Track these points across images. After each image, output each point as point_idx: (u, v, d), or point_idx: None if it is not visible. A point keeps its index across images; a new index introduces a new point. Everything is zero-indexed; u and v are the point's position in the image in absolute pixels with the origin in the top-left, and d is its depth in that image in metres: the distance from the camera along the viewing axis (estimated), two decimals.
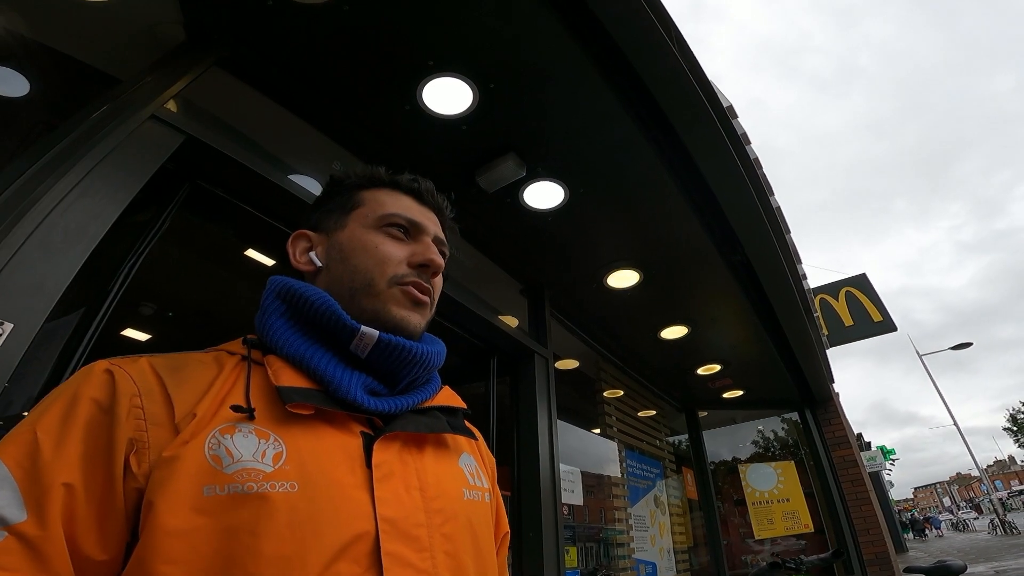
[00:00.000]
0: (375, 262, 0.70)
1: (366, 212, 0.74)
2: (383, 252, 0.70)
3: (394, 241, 0.72)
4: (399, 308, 0.68)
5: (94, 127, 1.37)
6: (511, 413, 2.87)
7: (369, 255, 0.70)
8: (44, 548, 0.45)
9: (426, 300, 0.71)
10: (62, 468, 0.48)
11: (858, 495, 5.34)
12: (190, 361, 0.60)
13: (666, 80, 2.07)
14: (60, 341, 1.27)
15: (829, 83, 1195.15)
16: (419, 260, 0.71)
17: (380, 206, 0.74)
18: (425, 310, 0.72)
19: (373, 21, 1.78)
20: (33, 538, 0.45)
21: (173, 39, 1.74)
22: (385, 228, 0.73)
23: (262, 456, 0.52)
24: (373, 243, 0.71)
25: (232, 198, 1.77)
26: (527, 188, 2.49)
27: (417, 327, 0.70)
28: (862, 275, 7.85)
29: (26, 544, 0.45)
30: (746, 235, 2.99)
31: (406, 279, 0.70)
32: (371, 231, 0.72)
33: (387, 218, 0.73)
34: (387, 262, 0.70)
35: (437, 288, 0.76)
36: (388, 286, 0.69)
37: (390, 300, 0.68)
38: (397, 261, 0.70)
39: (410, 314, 0.69)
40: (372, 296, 0.68)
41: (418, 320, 0.70)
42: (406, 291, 0.69)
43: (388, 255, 0.70)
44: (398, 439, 0.61)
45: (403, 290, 0.69)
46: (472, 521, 0.63)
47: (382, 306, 0.67)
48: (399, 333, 0.67)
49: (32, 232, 1.15)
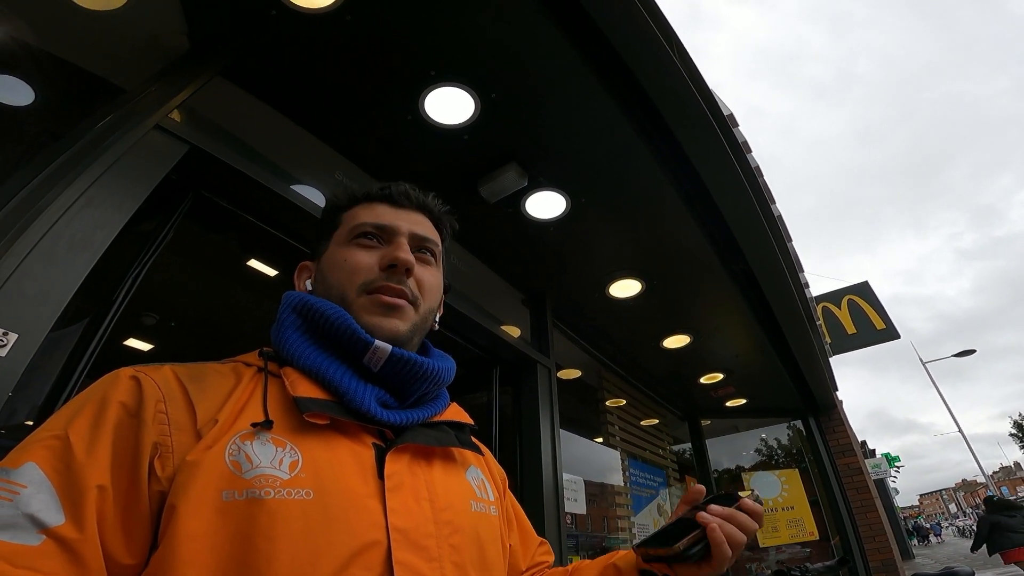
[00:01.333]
0: (345, 274, 0.70)
1: (342, 231, 0.75)
2: (351, 263, 0.71)
3: (364, 250, 0.72)
4: (369, 316, 0.68)
5: (99, 137, 1.37)
6: (514, 422, 2.86)
7: (340, 270, 0.71)
8: (82, 551, 0.46)
9: (399, 303, 0.69)
10: (94, 470, 0.48)
11: (863, 502, 5.31)
12: (209, 371, 0.61)
13: (667, 89, 2.08)
14: (64, 351, 1.27)
15: (818, 89, 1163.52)
16: (386, 262, 0.71)
17: (353, 219, 0.75)
18: (403, 312, 0.70)
19: (376, 31, 1.80)
20: (72, 541, 0.45)
21: (177, 49, 1.76)
22: (356, 240, 0.73)
23: (279, 463, 0.53)
24: (342, 257, 0.72)
25: (235, 208, 1.78)
26: (529, 198, 2.50)
27: (394, 331, 0.68)
28: (864, 283, 7.85)
29: (65, 547, 0.45)
30: (748, 243, 2.99)
31: (374, 284, 0.69)
32: (343, 247, 0.74)
33: (355, 229, 0.74)
34: (356, 272, 0.70)
35: (424, 285, 0.74)
36: (358, 295, 0.69)
37: (361, 309, 0.68)
38: (366, 268, 0.70)
39: (382, 320, 0.68)
40: (347, 308, 0.68)
41: (394, 324, 0.69)
42: (373, 298, 0.69)
43: (356, 265, 0.71)
44: (408, 451, 0.62)
45: (371, 298, 0.69)
46: (479, 533, 0.64)
47: (356, 317, 0.67)
48: (385, 341, 0.67)
49: (37, 242, 1.15)
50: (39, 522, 0.45)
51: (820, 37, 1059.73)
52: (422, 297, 0.73)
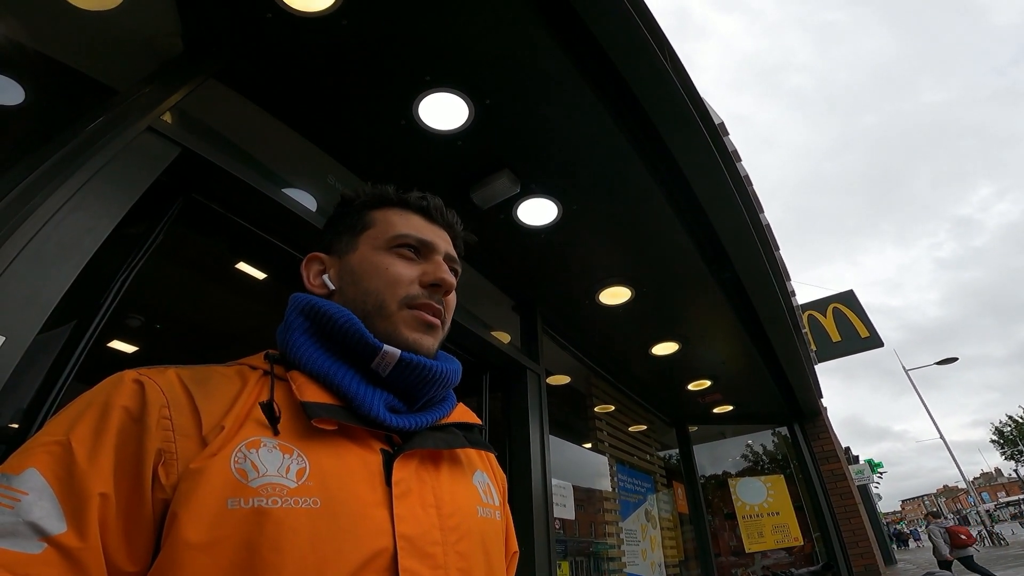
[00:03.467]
0: (386, 284, 0.69)
1: (376, 233, 0.74)
2: (394, 273, 0.70)
3: (405, 261, 0.72)
4: (410, 331, 0.68)
5: (90, 138, 1.36)
6: (503, 428, 2.86)
7: (380, 277, 0.70)
8: (84, 559, 0.45)
9: (437, 322, 0.71)
10: (97, 477, 0.48)
11: (847, 508, 5.36)
12: (214, 375, 0.60)
13: (659, 97, 2.09)
14: (51, 354, 1.25)
15: (788, 98, 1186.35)
16: (430, 280, 0.71)
17: (390, 226, 0.74)
18: (437, 331, 0.71)
19: (371, 35, 1.80)
20: (73, 550, 0.45)
21: (171, 51, 1.74)
22: (396, 249, 0.72)
23: (286, 471, 0.52)
24: (384, 264, 0.71)
25: (227, 212, 1.76)
26: (521, 204, 2.50)
27: (430, 349, 0.69)
28: (849, 291, 7.95)
29: (66, 556, 0.44)
30: (736, 252, 3.01)
31: (417, 300, 0.69)
32: (382, 252, 0.72)
33: (398, 239, 0.73)
34: (398, 283, 0.70)
35: (450, 307, 0.75)
36: (399, 308, 0.68)
37: (401, 323, 0.68)
38: (408, 281, 0.70)
39: (422, 337, 0.69)
40: (384, 318, 0.68)
41: (431, 343, 0.70)
42: (416, 315, 0.69)
43: (399, 276, 0.70)
44: (416, 456, 0.62)
45: (414, 314, 0.69)
46: (485, 538, 0.64)
47: (394, 328, 0.67)
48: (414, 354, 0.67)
49: (26, 245, 1.13)
50: (40, 530, 0.44)
51: (805, 48, 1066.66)
52: (447, 316, 0.74)
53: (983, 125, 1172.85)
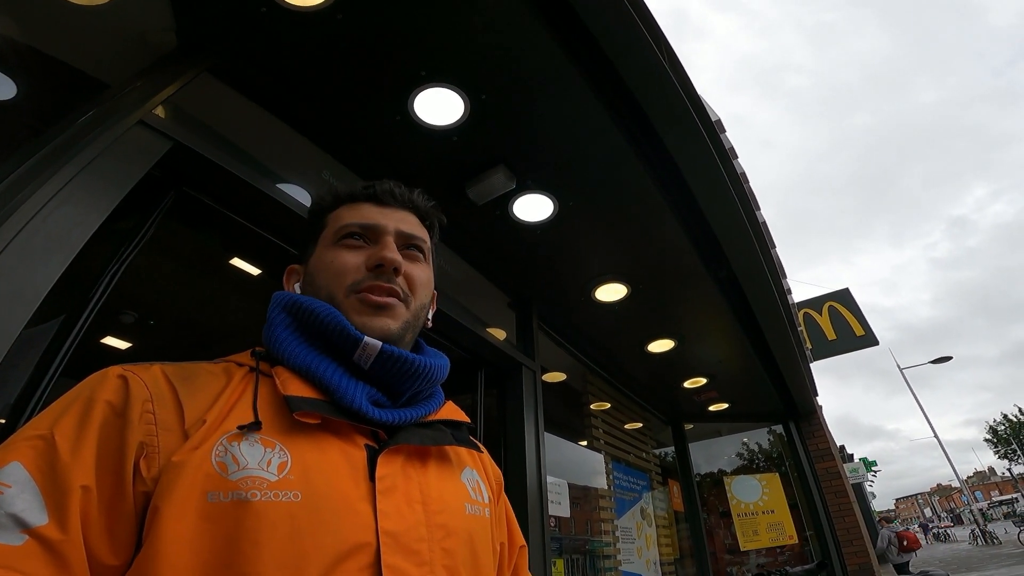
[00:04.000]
0: (332, 275, 0.70)
1: (328, 232, 0.75)
2: (338, 264, 0.70)
3: (351, 251, 0.72)
4: (359, 315, 0.67)
5: (80, 132, 1.34)
6: (498, 425, 2.85)
7: (327, 271, 0.70)
8: (65, 551, 0.45)
9: (388, 301, 0.69)
10: (79, 470, 0.48)
11: (841, 506, 5.37)
12: (200, 371, 0.60)
13: (656, 94, 2.09)
14: (39, 349, 1.24)
15: (784, 99, 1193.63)
16: (373, 262, 0.70)
17: (338, 221, 0.74)
18: (393, 311, 0.69)
19: (367, 31, 1.78)
20: (55, 542, 0.45)
21: (164, 45, 1.73)
22: (342, 241, 0.72)
23: (267, 465, 0.52)
24: (330, 258, 0.71)
25: (218, 206, 1.75)
26: (517, 201, 2.49)
27: (385, 330, 0.67)
28: (845, 290, 7.96)
29: (48, 548, 0.44)
30: (732, 249, 3.01)
31: (361, 285, 0.69)
32: (329, 248, 0.73)
33: (341, 230, 0.73)
34: (343, 273, 0.69)
35: (415, 281, 0.73)
36: (346, 296, 0.68)
37: (351, 310, 0.67)
38: (353, 268, 0.70)
39: (371, 319, 0.67)
40: (338, 310, 0.67)
41: (384, 323, 0.68)
42: (361, 297, 0.68)
43: (343, 266, 0.70)
44: (401, 452, 0.62)
45: (359, 297, 0.68)
46: (472, 536, 0.63)
47: (346, 316, 0.66)
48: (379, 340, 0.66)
49: (13, 238, 1.12)
50: (22, 522, 0.44)
51: (802, 48, 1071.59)
52: (413, 294, 0.73)
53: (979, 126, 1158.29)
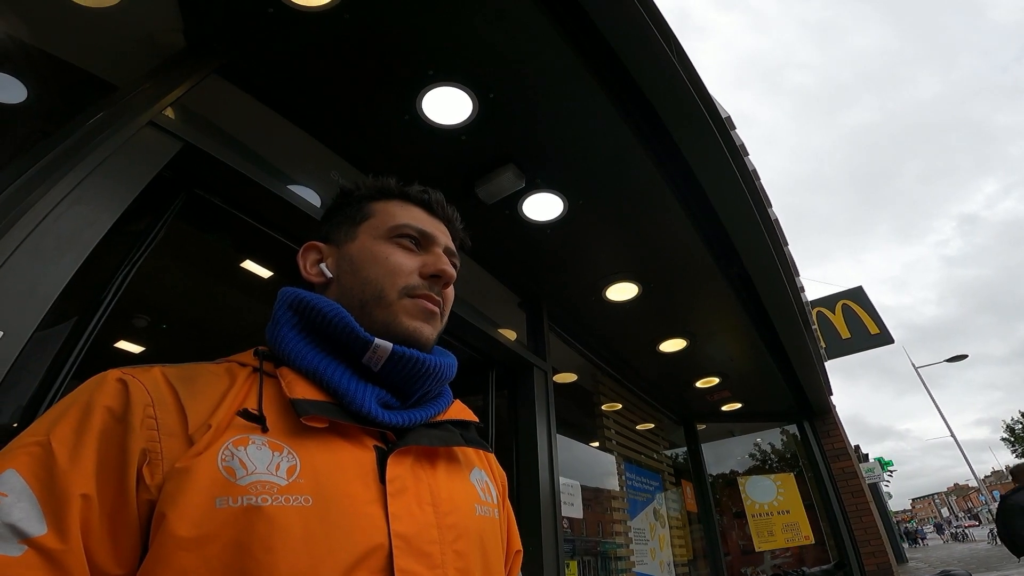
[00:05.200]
0: (386, 272, 0.68)
1: (376, 223, 0.73)
2: (394, 262, 0.69)
3: (405, 252, 0.71)
4: (410, 320, 0.67)
5: (90, 133, 1.35)
6: (510, 426, 2.84)
7: (380, 265, 0.69)
8: (65, 562, 0.44)
9: (437, 312, 0.70)
10: (78, 478, 0.46)
11: (858, 506, 5.31)
12: (202, 372, 0.59)
13: (665, 91, 2.07)
14: (51, 350, 1.24)
15: (787, 97, 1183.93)
16: (431, 271, 0.70)
17: (391, 217, 0.73)
18: (436, 322, 0.70)
19: (374, 30, 1.78)
20: (54, 552, 0.43)
21: (172, 47, 1.73)
22: (396, 239, 0.71)
23: (276, 469, 0.51)
24: (384, 253, 0.70)
25: (229, 207, 1.75)
26: (526, 200, 2.48)
27: (429, 339, 0.68)
28: (858, 288, 7.86)
29: (47, 558, 0.43)
30: (745, 247, 2.98)
31: (417, 290, 0.68)
32: (382, 242, 0.71)
33: (398, 229, 0.72)
34: (398, 272, 0.68)
35: (448, 300, 0.74)
36: (399, 297, 0.67)
37: (401, 311, 0.67)
38: (408, 271, 0.69)
39: (422, 326, 0.68)
40: (383, 307, 0.66)
41: (430, 332, 0.69)
42: (417, 303, 0.68)
43: (399, 265, 0.69)
44: (411, 454, 0.60)
45: (414, 302, 0.68)
46: (483, 537, 0.62)
47: (393, 318, 0.66)
48: (410, 345, 0.65)
49: (24, 239, 1.12)
50: (20, 532, 0.43)
51: (805, 45, 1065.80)
52: (445, 309, 0.74)
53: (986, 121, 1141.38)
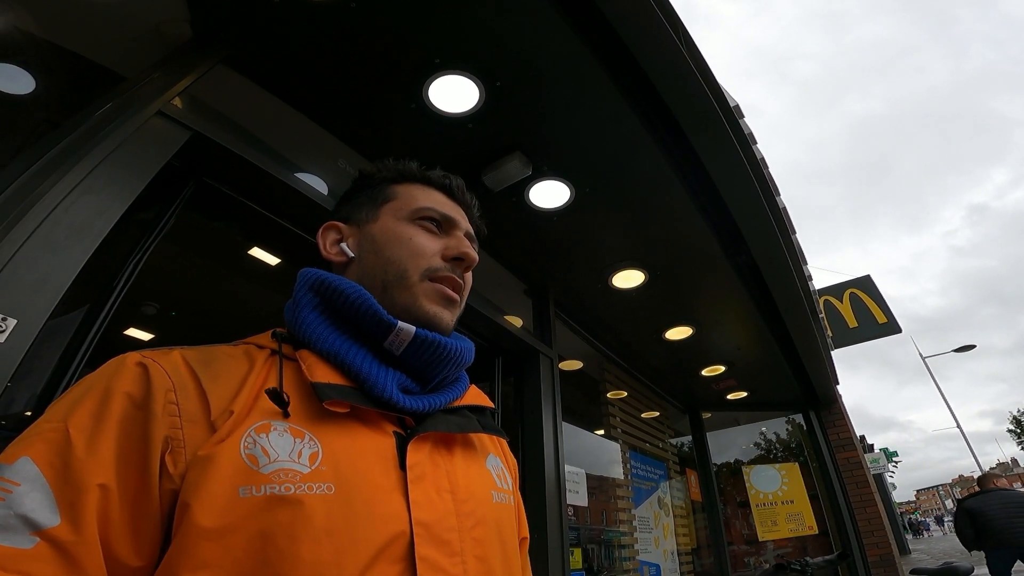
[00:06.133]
0: (409, 253, 0.68)
1: (399, 205, 0.73)
2: (417, 244, 0.69)
3: (428, 234, 0.71)
4: (431, 304, 0.67)
5: (99, 123, 1.35)
6: (516, 413, 2.85)
7: (403, 246, 0.69)
8: (78, 554, 0.42)
9: (457, 297, 0.70)
10: (96, 468, 0.45)
11: (863, 497, 5.32)
12: (220, 355, 0.58)
13: (673, 79, 2.05)
14: (64, 338, 1.26)
15: (795, 87, 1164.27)
16: (453, 253, 0.70)
17: (413, 199, 0.73)
18: (456, 307, 0.70)
19: (380, 19, 1.77)
20: (67, 543, 0.42)
21: (180, 37, 1.73)
22: (419, 221, 0.72)
23: (298, 456, 0.50)
24: (407, 235, 0.70)
25: (238, 195, 1.76)
26: (533, 187, 2.48)
27: (448, 324, 0.68)
28: (866, 276, 7.81)
29: (59, 550, 0.42)
30: (752, 235, 2.97)
31: (439, 273, 0.68)
32: (404, 223, 0.71)
33: (421, 211, 0.72)
34: (421, 254, 0.68)
35: (467, 285, 0.74)
36: (421, 279, 0.67)
37: (423, 294, 0.67)
38: (431, 253, 0.69)
39: (442, 311, 0.68)
40: (404, 288, 0.66)
41: (449, 317, 0.69)
42: (438, 288, 0.68)
43: (422, 247, 0.69)
44: (429, 439, 0.60)
45: (435, 287, 0.68)
46: (500, 524, 0.62)
47: (414, 300, 0.66)
48: (432, 330, 0.65)
49: (36, 228, 1.13)
50: (32, 523, 0.42)
51: (814, 35, 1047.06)
52: (464, 293, 0.74)
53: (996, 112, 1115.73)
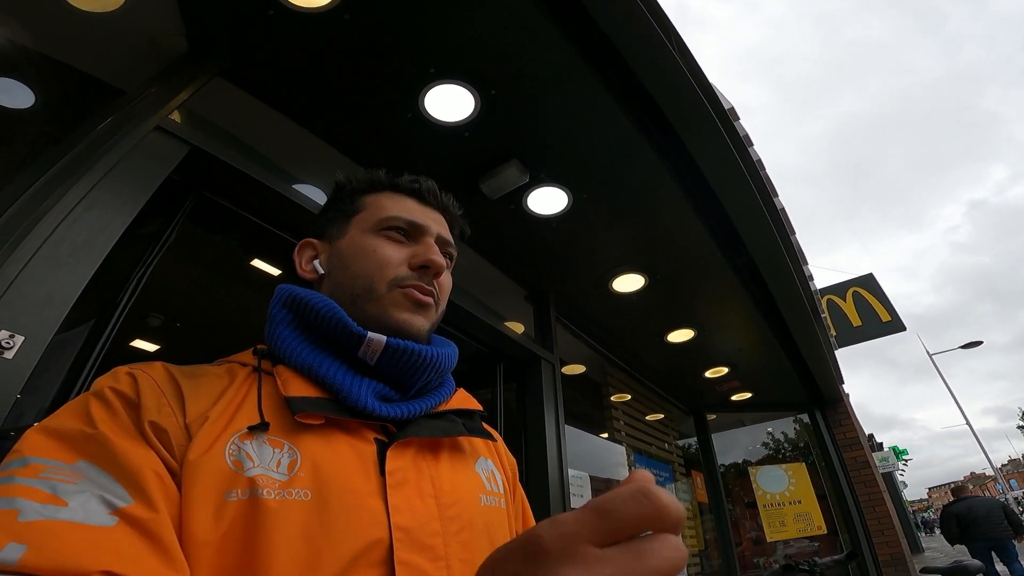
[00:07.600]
0: (374, 266, 0.68)
1: (367, 216, 0.73)
2: (381, 255, 0.69)
3: (393, 244, 0.71)
4: (400, 311, 0.67)
5: (99, 139, 1.38)
6: (518, 419, 2.86)
7: (368, 259, 0.69)
8: (157, 530, 0.43)
9: (428, 301, 0.69)
10: (136, 454, 0.47)
11: (871, 496, 5.29)
12: (203, 372, 0.60)
13: (666, 83, 2.07)
14: (71, 352, 1.28)
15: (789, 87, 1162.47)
16: (419, 261, 0.69)
17: (380, 209, 0.73)
18: (429, 312, 0.70)
19: (374, 29, 1.80)
20: (144, 520, 0.43)
21: (176, 50, 1.76)
22: (384, 232, 0.71)
23: (277, 465, 0.51)
24: (372, 247, 0.70)
25: (237, 208, 1.78)
26: (530, 194, 2.50)
27: (421, 330, 0.68)
28: (869, 275, 7.80)
29: (138, 527, 0.43)
30: (750, 237, 2.98)
31: (406, 281, 0.68)
32: (370, 235, 0.71)
33: (386, 221, 0.72)
34: (386, 265, 0.68)
35: (444, 289, 0.74)
36: (388, 289, 0.67)
37: (391, 304, 0.67)
38: (397, 263, 0.69)
39: (412, 317, 0.67)
40: (373, 300, 0.67)
41: (421, 323, 0.68)
42: (406, 293, 0.67)
43: (387, 258, 0.69)
44: (412, 445, 0.60)
45: (403, 292, 0.67)
46: (489, 528, 0.62)
47: (383, 310, 0.66)
48: (404, 337, 0.65)
49: (40, 246, 1.15)
50: (109, 503, 0.43)
51: (807, 35, 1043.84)
52: (441, 298, 0.73)
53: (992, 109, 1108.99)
